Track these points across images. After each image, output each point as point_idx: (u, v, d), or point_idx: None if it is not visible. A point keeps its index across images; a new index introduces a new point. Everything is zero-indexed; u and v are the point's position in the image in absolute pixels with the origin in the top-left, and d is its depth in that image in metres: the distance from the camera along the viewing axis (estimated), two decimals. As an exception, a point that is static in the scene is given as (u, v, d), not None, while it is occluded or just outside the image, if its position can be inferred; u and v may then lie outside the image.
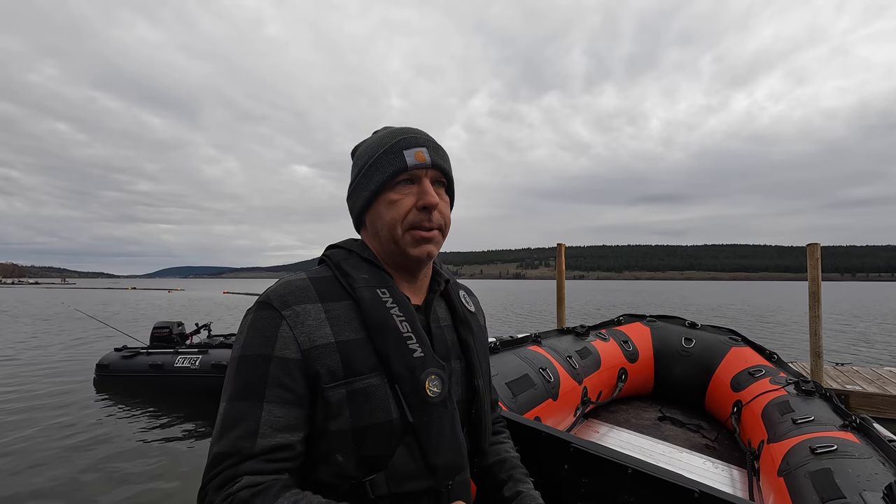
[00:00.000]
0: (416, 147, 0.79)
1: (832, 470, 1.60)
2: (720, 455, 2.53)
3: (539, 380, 2.43)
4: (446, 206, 0.84)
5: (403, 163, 0.78)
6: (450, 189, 0.86)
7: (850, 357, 10.03)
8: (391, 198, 0.79)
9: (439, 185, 0.83)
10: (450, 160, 0.86)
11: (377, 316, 0.74)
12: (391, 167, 0.78)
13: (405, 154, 0.78)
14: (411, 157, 0.78)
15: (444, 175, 0.83)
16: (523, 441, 1.24)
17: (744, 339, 3.27)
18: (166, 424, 5.42)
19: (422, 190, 0.79)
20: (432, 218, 0.79)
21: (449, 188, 0.86)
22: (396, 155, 0.78)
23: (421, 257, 0.80)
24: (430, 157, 0.79)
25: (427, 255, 0.80)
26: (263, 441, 0.65)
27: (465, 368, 0.86)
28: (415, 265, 0.83)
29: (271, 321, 0.70)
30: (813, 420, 2.05)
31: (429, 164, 0.79)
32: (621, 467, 1.14)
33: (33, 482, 3.85)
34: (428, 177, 0.80)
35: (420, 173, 0.79)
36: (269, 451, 0.65)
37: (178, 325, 7.59)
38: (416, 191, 0.79)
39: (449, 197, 0.86)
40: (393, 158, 0.78)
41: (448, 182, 0.85)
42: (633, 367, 3.30)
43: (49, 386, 7.20)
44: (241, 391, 0.67)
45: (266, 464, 0.64)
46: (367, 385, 0.70)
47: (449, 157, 0.86)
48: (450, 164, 0.85)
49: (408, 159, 0.78)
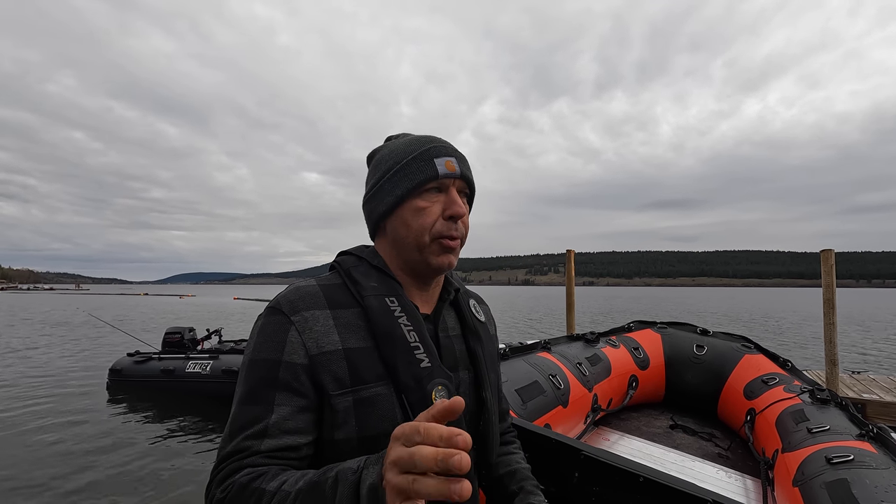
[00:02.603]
0: (447, 156, 0.79)
1: (849, 480, 1.57)
2: (733, 464, 2.49)
3: (549, 387, 2.41)
4: (468, 217, 0.84)
5: (434, 171, 0.77)
6: (470, 199, 0.87)
7: (867, 365, 9.83)
8: (419, 205, 0.78)
9: (463, 195, 0.83)
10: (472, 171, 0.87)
11: (385, 325, 0.74)
12: (421, 174, 0.78)
13: (436, 162, 0.78)
14: (442, 165, 0.78)
15: (467, 186, 0.83)
16: (533, 448, 1.24)
17: (757, 347, 3.22)
18: (177, 429, 5.47)
19: (450, 199, 0.79)
20: (459, 228, 0.79)
21: (470, 199, 0.86)
22: (427, 162, 0.78)
23: (443, 266, 0.80)
24: (459, 168, 0.80)
25: (448, 264, 0.80)
26: (271, 441, 0.65)
27: (473, 379, 0.85)
28: (433, 274, 0.82)
29: (280, 326, 0.70)
30: (829, 429, 2.02)
31: (458, 174, 0.79)
32: (633, 476, 1.13)
33: (46, 484, 3.90)
34: (455, 187, 0.80)
35: (448, 182, 0.79)
36: (275, 451, 0.65)
37: (189, 331, 7.66)
38: (444, 200, 0.78)
39: (468, 207, 0.86)
40: (423, 166, 0.78)
41: (470, 193, 0.85)
42: (643, 375, 3.27)
43: (63, 390, 7.31)
44: (250, 394, 0.68)
45: (270, 459, 0.65)
46: (374, 394, 0.70)
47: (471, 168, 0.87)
48: (472, 175, 0.86)
49: (439, 168, 0.78)
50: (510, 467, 0.93)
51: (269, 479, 0.60)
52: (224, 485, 0.62)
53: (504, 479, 0.91)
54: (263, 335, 0.71)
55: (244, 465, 0.63)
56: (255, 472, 0.62)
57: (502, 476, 0.92)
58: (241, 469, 0.63)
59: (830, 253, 4.94)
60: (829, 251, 4.95)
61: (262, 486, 0.59)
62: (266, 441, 0.65)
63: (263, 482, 0.59)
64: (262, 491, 0.58)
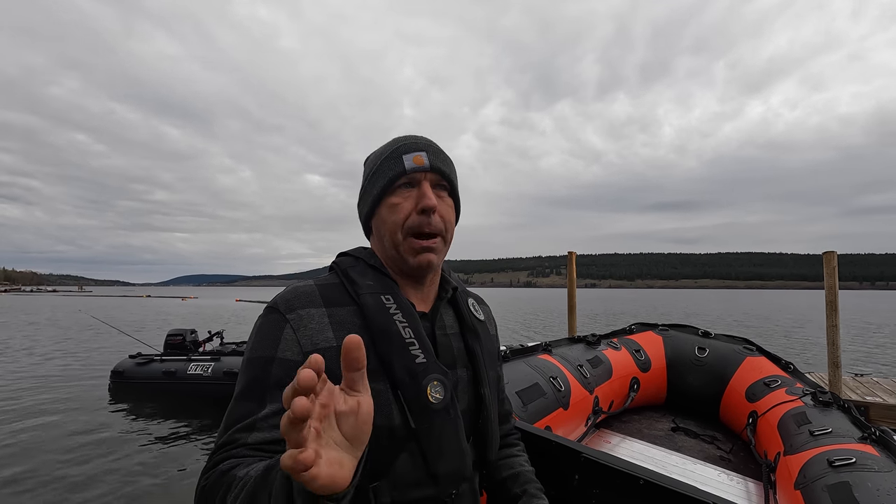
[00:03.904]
0: (416, 151, 0.81)
1: (851, 483, 1.56)
2: (735, 467, 2.48)
3: (550, 389, 2.41)
4: (448, 210, 0.84)
5: (402, 167, 0.80)
6: (453, 194, 0.87)
7: (870, 368, 9.79)
8: (392, 201, 0.81)
9: (440, 188, 0.84)
10: (453, 165, 0.87)
11: (380, 321, 0.75)
12: (391, 171, 0.81)
13: (404, 158, 0.81)
14: (409, 161, 0.80)
15: (444, 179, 0.84)
16: (534, 450, 1.24)
17: (759, 349, 3.21)
18: (179, 430, 5.47)
19: (420, 193, 0.80)
20: (432, 221, 0.80)
21: (452, 193, 0.86)
22: (396, 160, 0.81)
23: (421, 265, 0.80)
24: (428, 161, 0.81)
25: (427, 263, 0.80)
26: (259, 434, 0.66)
27: (471, 377, 0.85)
28: (417, 272, 0.83)
29: (276, 324, 0.72)
30: (831, 432, 2.01)
31: (427, 167, 0.81)
32: (633, 478, 1.12)
33: (49, 484, 3.91)
34: (427, 180, 0.81)
35: (419, 177, 0.81)
36: (262, 443, 0.66)
37: (191, 333, 7.69)
38: (416, 194, 0.80)
39: (452, 200, 0.87)
40: (393, 163, 0.81)
41: (451, 187, 0.86)
42: (645, 377, 3.26)
43: (66, 391, 7.32)
44: (245, 391, 0.70)
45: (257, 452, 0.65)
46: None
47: (453, 162, 0.87)
48: (453, 168, 0.86)
49: (406, 163, 0.80)
50: (513, 470, 0.93)
51: (244, 467, 0.61)
52: (208, 473, 0.64)
53: (507, 481, 0.91)
54: (260, 334, 0.73)
55: (231, 455, 0.65)
56: (236, 461, 0.63)
57: (505, 479, 0.91)
58: (226, 459, 0.64)
59: (833, 255, 4.93)
60: (832, 253, 4.93)
61: (236, 472, 0.60)
62: (254, 434, 0.66)
63: (239, 470, 0.60)
64: (233, 477, 0.59)
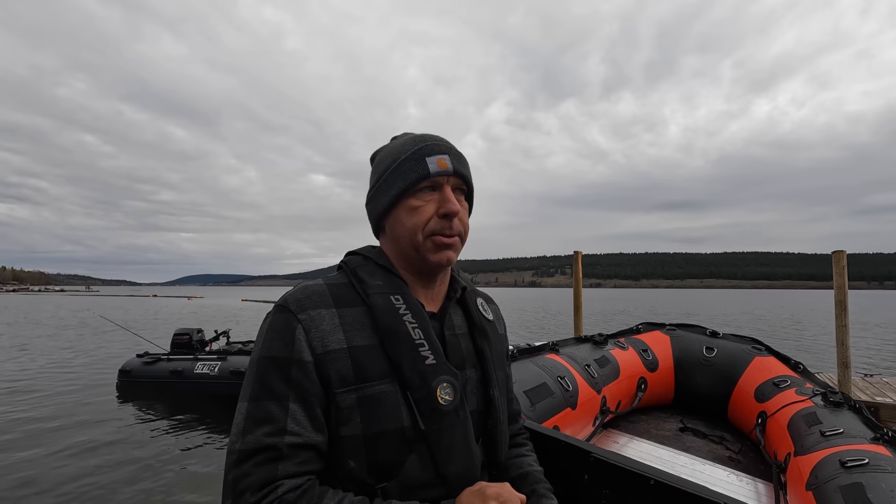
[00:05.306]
0: (439, 154, 0.80)
1: (864, 484, 1.55)
2: (745, 468, 2.46)
3: (557, 388, 2.40)
4: (465, 214, 0.84)
5: (426, 169, 0.78)
6: (469, 196, 0.87)
7: (880, 368, 9.68)
8: (413, 204, 0.79)
9: (459, 192, 0.83)
10: (469, 168, 0.87)
11: (389, 322, 0.74)
12: (413, 173, 0.78)
13: (427, 161, 0.78)
14: (434, 164, 0.78)
15: (464, 182, 0.83)
16: (542, 450, 1.23)
17: (767, 349, 3.18)
18: (186, 429, 5.50)
19: (443, 197, 0.79)
20: (453, 225, 0.79)
21: (468, 195, 0.86)
22: (419, 161, 0.79)
23: (441, 262, 0.80)
24: (452, 165, 0.80)
25: (447, 260, 0.80)
26: (291, 438, 0.65)
27: (480, 377, 0.85)
28: (434, 271, 0.83)
29: (288, 324, 0.71)
30: (842, 433, 1.99)
31: (451, 171, 0.79)
32: (643, 478, 1.11)
33: (56, 483, 3.94)
34: (449, 184, 0.80)
35: (442, 180, 0.79)
36: (297, 448, 0.65)
37: (197, 332, 7.73)
38: (438, 198, 0.79)
39: (468, 204, 0.87)
40: (415, 165, 0.79)
41: (468, 189, 0.85)
42: (652, 377, 3.24)
43: (74, 390, 7.38)
44: (265, 391, 0.68)
45: (299, 466, 0.65)
46: (379, 391, 0.71)
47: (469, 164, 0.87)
48: (470, 171, 0.86)
49: (430, 166, 0.78)
50: (522, 469, 0.92)
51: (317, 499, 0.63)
52: (267, 500, 0.62)
53: (516, 481, 0.90)
54: (272, 332, 0.72)
55: (278, 475, 0.64)
56: (298, 492, 0.63)
57: (514, 478, 0.91)
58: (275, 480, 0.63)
59: (842, 254, 4.87)
60: (841, 252, 4.88)
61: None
62: (287, 438, 0.65)
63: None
64: None
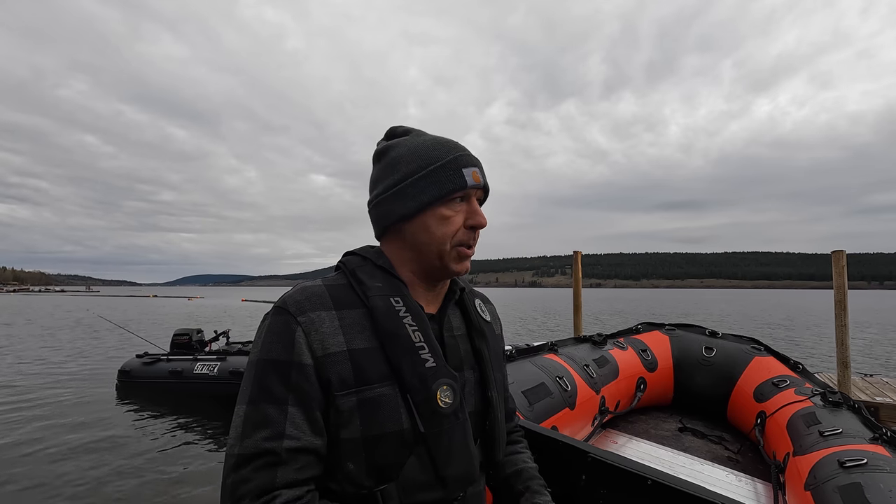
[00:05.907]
0: (472, 166, 0.81)
1: (862, 484, 1.54)
2: (744, 468, 2.46)
3: (556, 388, 2.40)
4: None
5: (463, 181, 0.78)
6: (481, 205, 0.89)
7: (880, 368, 9.69)
8: (444, 213, 0.78)
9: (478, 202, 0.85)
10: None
11: (389, 325, 0.74)
12: (451, 184, 0.78)
13: (465, 172, 0.79)
14: (469, 176, 0.79)
15: (486, 196, 0.86)
16: (540, 450, 1.23)
17: (767, 349, 3.18)
18: (185, 430, 5.51)
19: (472, 210, 0.81)
20: (477, 237, 0.82)
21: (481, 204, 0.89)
22: (456, 172, 0.79)
23: (461, 272, 0.82)
24: (483, 179, 0.82)
25: (465, 270, 0.82)
26: (290, 443, 0.65)
27: (478, 379, 0.85)
28: (449, 277, 0.84)
29: (287, 327, 0.70)
30: (841, 433, 1.98)
31: (482, 185, 0.82)
32: (641, 478, 1.11)
33: (55, 484, 3.94)
34: (476, 196, 0.82)
35: (472, 192, 0.81)
36: (295, 453, 0.65)
37: (197, 333, 7.73)
38: (466, 209, 0.81)
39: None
40: (453, 175, 0.78)
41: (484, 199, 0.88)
42: (651, 377, 3.24)
43: (73, 390, 7.39)
44: (263, 394, 0.67)
45: (298, 472, 0.65)
46: (378, 394, 0.71)
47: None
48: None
49: (468, 179, 0.79)
50: (517, 466, 0.93)
51: None
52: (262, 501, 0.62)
53: (510, 478, 0.91)
54: (271, 335, 0.71)
55: (277, 483, 0.63)
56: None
57: (509, 476, 0.91)
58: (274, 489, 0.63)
59: (842, 254, 4.87)
60: (841, 252, 4.88)
61: None
62: (285, 442, 0.65)
63: None
64: None
